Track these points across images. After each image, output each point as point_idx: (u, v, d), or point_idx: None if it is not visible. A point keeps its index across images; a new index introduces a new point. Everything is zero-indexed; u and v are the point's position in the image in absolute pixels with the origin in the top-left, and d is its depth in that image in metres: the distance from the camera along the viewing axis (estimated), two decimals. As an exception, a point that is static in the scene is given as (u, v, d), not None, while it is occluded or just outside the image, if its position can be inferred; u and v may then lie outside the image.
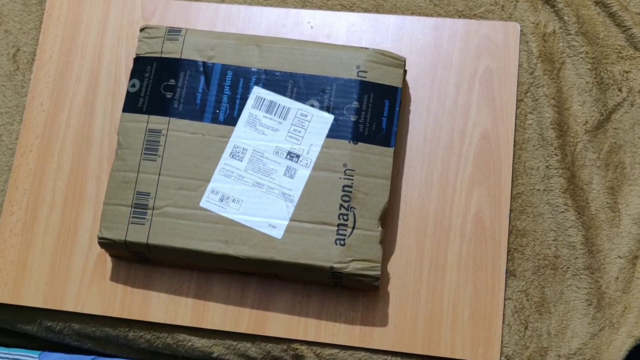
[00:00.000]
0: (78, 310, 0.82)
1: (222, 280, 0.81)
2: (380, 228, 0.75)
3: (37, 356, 0.80)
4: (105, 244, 0.78)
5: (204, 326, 0.80)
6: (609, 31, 0.87)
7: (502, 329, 0.78)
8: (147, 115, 0.79)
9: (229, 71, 0.79)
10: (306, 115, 0.76)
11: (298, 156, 0.75)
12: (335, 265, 0.73)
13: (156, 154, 0.78)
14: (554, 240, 0.81)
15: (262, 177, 0.75)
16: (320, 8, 0.90)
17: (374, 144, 0.77)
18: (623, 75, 0.85)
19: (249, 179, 0.75)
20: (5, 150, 0.89)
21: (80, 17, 0.91)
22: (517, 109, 0.84)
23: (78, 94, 0.89)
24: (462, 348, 0.78)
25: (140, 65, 0.82)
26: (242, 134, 0.77)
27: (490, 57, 0.85)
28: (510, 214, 0.81)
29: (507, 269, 0.80)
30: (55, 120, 0.88)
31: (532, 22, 0.86)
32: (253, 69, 0.79)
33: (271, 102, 0.77)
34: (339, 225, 0.74)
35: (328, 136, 0.76)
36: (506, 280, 0.79)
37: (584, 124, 0.84)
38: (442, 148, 0.83)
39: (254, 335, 0.80)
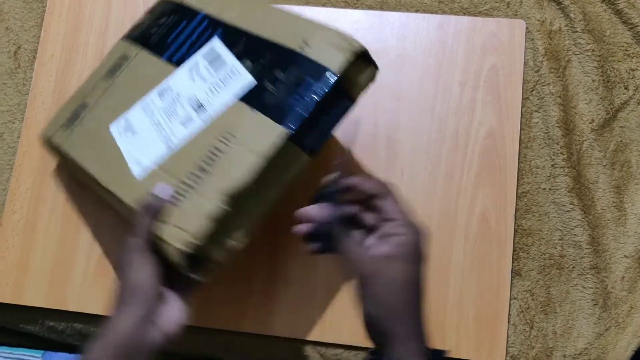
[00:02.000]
0: (80, 310, 0.82)
1: (226, 279, 0.81)
2: (223, 205, 0.63)
3: (40, 356, 0.79)
4: (44, 142, 0.81)
5: (207, 326, 0.80)
6: (615, 29, 0.86)
7: (508, 329, 0.78)
8: (129, 44, 0.81)
9: (206, 20, 0.77)
10: (233, 74, 0.72)
11: (204, 110, 0.71)
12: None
13: (113, 76, 0.79)
14: (559, 239, 0.80)
15: (164, 119, 0.72)
16: (324, 5, 0.89)
17: (272, 118, 0.66)
18: (630, 73, 0.84)
19: (156, 117, 0.73)
20: (7, 149, 0.88)
21: (82, 15, 0.90)
22: (522, 107, 0.83)
23: (80, 92, 0.88)
24: (467, 348, 0.77)
25: (155, 5, 0.85)
26: (178, 77, 0.74)
27: (496, 54, 0.84)
28: (515, 213, 0.80)
29: (512, 269, 0.79)
30: (57, 119, 0.87)
31: (537, 20, 0.85)
32: (223, 23, 0.76)
33: (218, 55, 0.74)
34: (184, 184, 0.66)
35: (241, 99, 0.69)
36: (511, 280, 0.79)
37: (590, 123, 0.83)
38: (446, 147, 0.82)
39: (257, 335, 0.80)
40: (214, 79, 0.71)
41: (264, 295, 0.80)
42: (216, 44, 0.72)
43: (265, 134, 0.65)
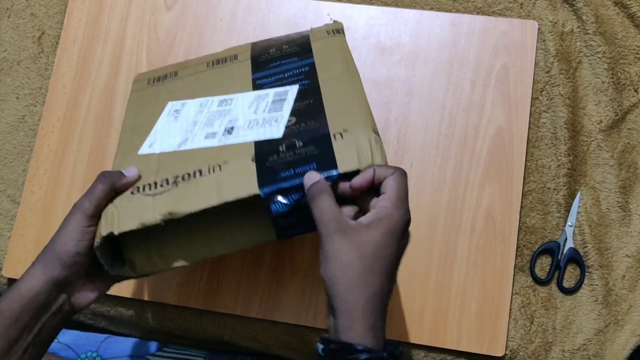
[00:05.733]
0: (94, 289, 0.84)
1: (234, 265, 0.83)
2: (160, 219, 0.61)
3: (53, 332, 0.82)
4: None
5: (215, 310, 0.82)
6: (627, 32, 0.87)
7: (509, 323, 0.79)
8: (249, 49, 0.78)
9: (308, 67, 0.74)
10: (275, 121, 0.68)
11: (229, 136, 0.68)
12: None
13: (213, 66, 0.78)
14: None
15: (201, 123, 0.70)
16: (340, 0, 0.91)
17: (257, 175, 0.63)
18: None
19: (199, 117, 0.71)
20: (28, 131, 0.91)
21: (104, 3, 0.93)
22: (531, 107, 0.84)
23: (100, 77, 0.90)
24: (467, 341, 0.79)
25: (297, 34, 0.80)
26: (244, 97, 0.72)
27: (507, 54, 0.86)
28: (520, 211, 0.82)
29: (515, 265, 0.81)
30: (77, 103, 0.90)
31: (550, 21, 0.86)
32: (315, 77, 0.73)
33: (284, 100, 0.71)
34: (155, 183, 0.64)
35: (256, 142, 0.66)
36: (514, 276, 0.80)
37: (598, 123, 0.84)
38: (456, 143, 0.84)
39: (263, 320, 0.82)
40: (261, 116, 0.69)
41: (271, 283, 0.82)
42: (291, 91, 0.71)
43: (240, 184, 0.61)
